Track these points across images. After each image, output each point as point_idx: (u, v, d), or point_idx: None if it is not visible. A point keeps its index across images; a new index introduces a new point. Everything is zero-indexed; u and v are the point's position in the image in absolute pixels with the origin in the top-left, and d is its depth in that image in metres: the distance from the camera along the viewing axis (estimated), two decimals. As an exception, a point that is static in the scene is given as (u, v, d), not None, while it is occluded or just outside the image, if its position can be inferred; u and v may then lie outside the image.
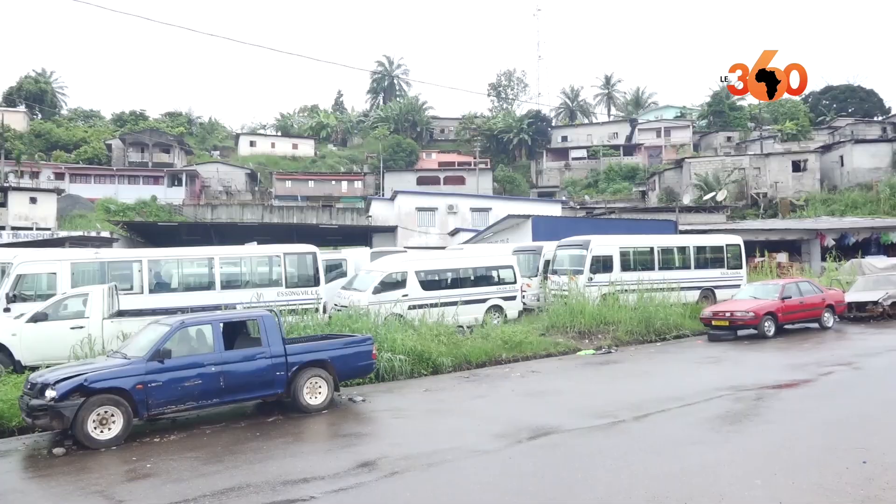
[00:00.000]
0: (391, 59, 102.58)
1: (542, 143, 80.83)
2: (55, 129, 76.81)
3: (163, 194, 62.46)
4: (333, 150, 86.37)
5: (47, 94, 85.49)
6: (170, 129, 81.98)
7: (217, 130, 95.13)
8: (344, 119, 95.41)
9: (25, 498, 7.66)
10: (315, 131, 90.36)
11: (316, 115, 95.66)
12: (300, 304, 16.66)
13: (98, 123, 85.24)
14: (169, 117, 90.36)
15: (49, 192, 49.92)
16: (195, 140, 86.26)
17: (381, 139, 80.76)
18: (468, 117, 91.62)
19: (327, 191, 72.07)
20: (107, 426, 9.38)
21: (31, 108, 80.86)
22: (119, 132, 77.69)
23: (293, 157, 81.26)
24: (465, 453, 8.42)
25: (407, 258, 21.16)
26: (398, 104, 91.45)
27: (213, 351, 10.49)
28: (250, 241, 22.50)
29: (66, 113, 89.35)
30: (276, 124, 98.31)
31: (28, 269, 15.88)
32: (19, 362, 13.01)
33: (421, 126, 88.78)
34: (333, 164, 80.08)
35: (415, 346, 14.22)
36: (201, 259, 18.01)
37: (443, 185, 67.60)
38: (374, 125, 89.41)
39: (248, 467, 8.16)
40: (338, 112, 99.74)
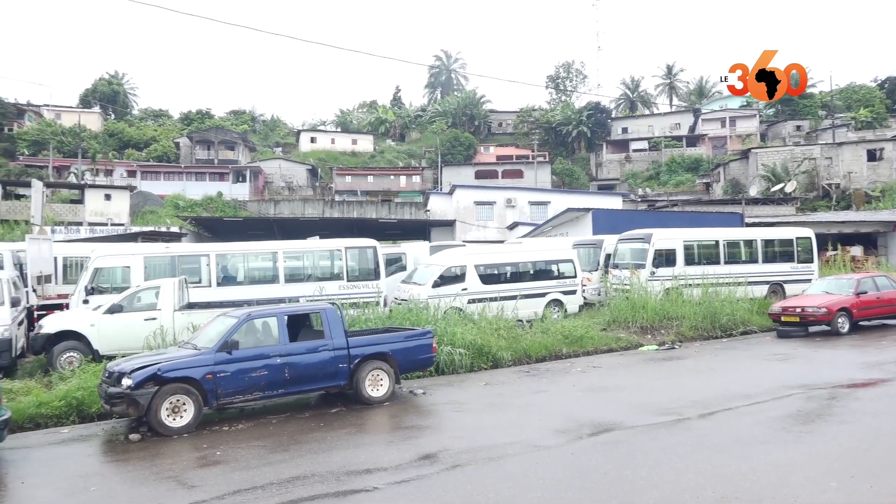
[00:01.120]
0: (449, 53, 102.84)
1: (602, 135, 79.54)
2: (127, 128, 79.91)
3: (228, 190, 64.22)
4: (392, 146, 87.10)
5: (119, 96, 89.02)
6: (234, 126, 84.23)
7: (279, 127, 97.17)
8: (402, 114, 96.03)
9: (105, 481, 8.02)
10: (374, 127, 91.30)
11: (374, 111, 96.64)
12: (361, 298, 16.88)
13: (167, 122, 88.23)
14: (233, 115, 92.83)
15: (122, 190, 51.94)
16: (258, 137, 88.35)
17: (439, 133, 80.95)
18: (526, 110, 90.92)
19: (386, 185, 72.76)
20: (179, 414, 9.75)
21: (104, 109, 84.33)
22: (186, 131, 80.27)
23: (353, 152, 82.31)
24: (527, 448, 8.40)
25: (466, 252, 21.18)
26: (456, 98, 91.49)
27: (278, 343, 10.76)
28: (312, 236, 22.90)
29: (137, 113, 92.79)
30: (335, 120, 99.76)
31: (104, 262, 16.58)
32: (97, 351, 13.62)
33: (479, 120, 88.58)
34: (392, 159, 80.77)
35: (474, 340, 14.25)
36: (266, 253, 18.45)
37: (501, 179, 67.36)
38: (431, 120, 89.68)
39: (312, 457, 8.34)
40: (396, 107, 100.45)
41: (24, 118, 76.45)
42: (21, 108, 77.94)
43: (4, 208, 45.26)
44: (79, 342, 13.78)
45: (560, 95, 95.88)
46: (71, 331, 13.86)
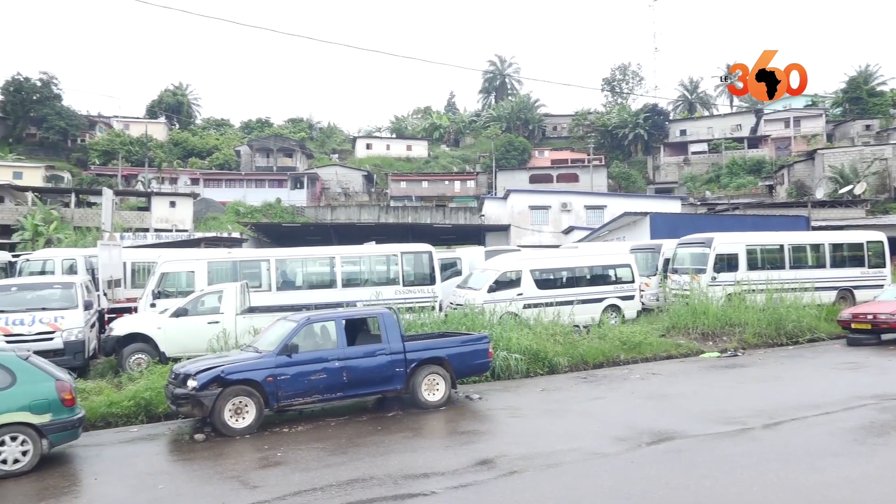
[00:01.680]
0: (503, 58, 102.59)
1: (659, 137, 78.07)
2: (190, 137, 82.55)
3: (286, 196, 65.62)
4: (446, 151, 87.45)
5: (184, 106, 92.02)
6: (292, 134, 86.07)
7: (335, 134, 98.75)
8: (456, 119, 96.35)
9: (172, 479, 8.28)
10: (428, 132, 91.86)
11: (429, 117, 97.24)
12: (417, 302, 17.01)
13: (228, 131, 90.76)
14: (291, 123, 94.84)
15: (186, 197, 53.72)
16: (315, 144, 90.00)
17: (493, 138, 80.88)
18: (581, 113, 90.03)
19: (440, 191, 73.09)
20: (241, 415, 9.99)
21: (169, 119, 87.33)
22: (247, 139, 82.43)
23: (407, 158, 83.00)
24: (585, 455, 8.29)
25: (521, 257, 21.07)
26: (510, 103, 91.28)
27: (336, 347, 10.92)
28: (368, 241, 23.18)
29: (200, 122, 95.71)
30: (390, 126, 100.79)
31: (170, 267, 17.17)
32: (164, 354, 14.09)
33: (533, 124, 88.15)
34: (446, 165, 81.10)
35: (530, 346, 14.15)
36: (323, 258, 18.76)
37: (556, 183, 66.82)
38: (485, 125, 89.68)
39: (370, 460, 8.42)
40: (450, 113, 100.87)
41: (95, 129, 79.88)
42: (92, 120, 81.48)
43: (77, 215, 47.32)
44: (147, 344, 14.28)
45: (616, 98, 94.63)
46: (139, 333, 14.38)
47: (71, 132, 76.14)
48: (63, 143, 75.72)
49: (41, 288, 15.34)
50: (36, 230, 41.33)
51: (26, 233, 41.21)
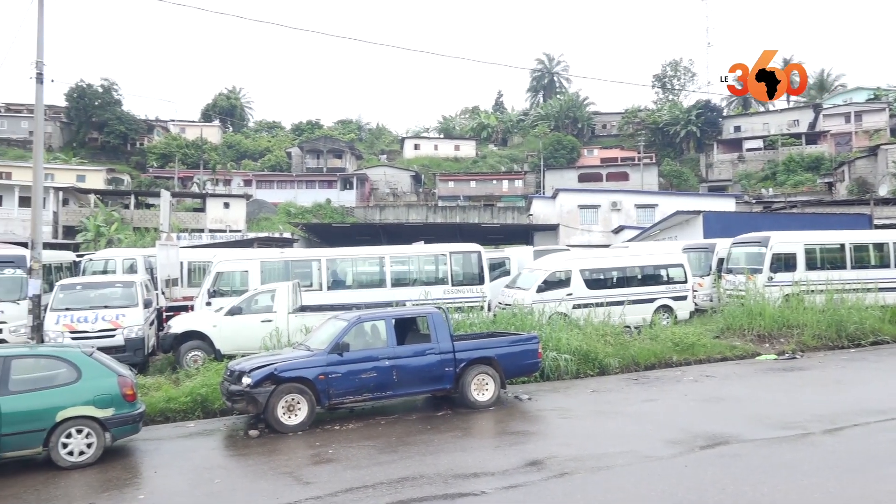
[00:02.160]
0: (551, 56, 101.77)
1: (712, 134, 76.26)
2: (243, 140, 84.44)
3: (336, 197, 66.50)
4: (494, 150, 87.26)
5: (237, 109, 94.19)
6: (342, 135, 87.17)
7: (384, 135, 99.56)
8: (504, 119, 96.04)
9: (228, 474, 8.49)
10: (476, 132, 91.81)
11: (476, 116, 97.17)
12: (466, 302, 17.03)
13: (279, 133, 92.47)
14: (341, 125, 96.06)
15: (239, 198, 54.96)
16: (364, 145, 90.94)
17: (541, 137, 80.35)
18: (631, 111, 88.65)
19: (488, 190, 72.97)
20: (294, 412, 10.17)
21: (223, 122, 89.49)
22: (297, 141, 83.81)
23: (455, 158, 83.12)
24: (637, 458, 8.17)
25: (571, 256, 20.89)
26: (558, 101, 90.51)
27: (386, 346, 11.01)
28: (417, 241, 23.32)
29: (253, 125, 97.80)
30: (438, 127, 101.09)
31: (225, 267, 17.59)
32: (219, 351, 14.44)
33: (582, 122, 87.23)
34: (494, 164, 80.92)
35: (580, 346, 14.01)
36: (373, 258, 18.95)
37: (605, 182, 65.98)
38: (534, 123, 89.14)
39: (420, 458, 8.47)
40: (498, 112, 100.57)
41: (153, 133, 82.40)
42: (150, 124, 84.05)
43: (136, 217, 48.92)
44: (203, 342, 14.66)
45: (667, 95, 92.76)
46: (196, 331, 14.77)
47: (130, 136, 78.70)
48: (123, 146, 78.33)
49: (104, 287, 15.91)
50: (98, 231, 42.91)
51: (89, 233, 42.83)
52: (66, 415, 8.55)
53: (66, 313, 14.41)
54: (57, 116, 74.76)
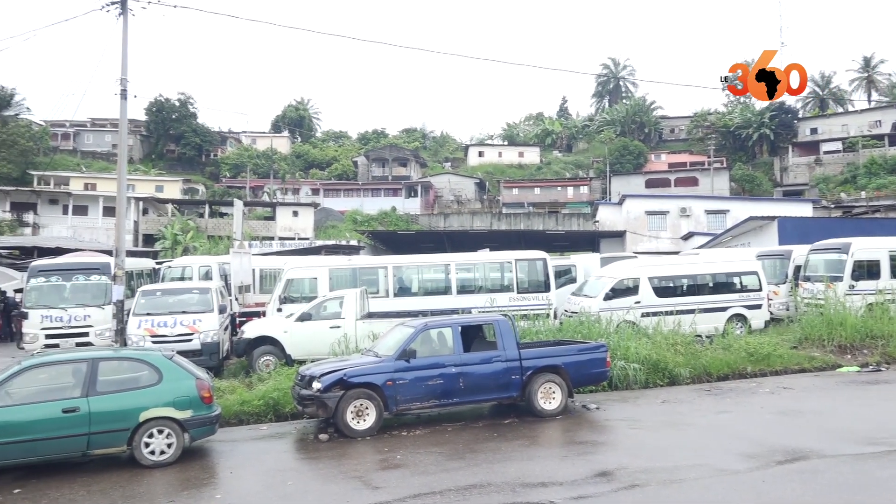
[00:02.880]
0: (616, 60, 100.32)
1: (787, 136, 73.48)
2: (311, 149, 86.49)
3: (401, 205, 67.28)
4: (558, 157, 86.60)
5: (305, 120, 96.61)
6: (406, 144, 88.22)
7: (448, 143, 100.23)
8: (569, 125, 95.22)
9: (300, 477, 8.70)
10: (540, 138, 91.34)
11: (541, 123, 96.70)
12: (531, 310, 16.92)
13: (346, 143, 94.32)
14: (406, 133, 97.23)
15: (308, 206, 56.30)
16: (428, 153, 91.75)
17: (607, 143, 79.25)
18: (700, 115, 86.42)
19: (553, 197, 72.43)
20: (362, 418, 10.33)
21: (292, 133, 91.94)
22: (363, 150, 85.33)
23: (519, 164, 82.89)
24: (710, 472, 7.95)
25: (639, 264, 20.48)
26: (624, 106, 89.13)
27: (452, 353, 11.06)
28: (481, 248, 23.36)
29: (320, 135, 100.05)
30: (502, 134, 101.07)
31: (295, 274, 18.05)
32: (290, 356, 14.81)
33: (649, 127, 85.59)
34: (559, 171, 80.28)
35: (649, 355, 13.72)
36: (438, 265, 19.07)
37: (673, 188, 64.52)
38: (599, 129, 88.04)
39: (487, 466, 8.47)
40: (562, 118, 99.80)
41: (226, 144, 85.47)
42: (224, 136, 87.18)
43: (210, 225, 50.71)
44: (274, 347, 15.07)
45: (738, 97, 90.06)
46: (267, 336, 15.20)
47: (205, 148, 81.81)
48: (198, 157, 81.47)
49: (181, 293, 16.56)
50: (175, 239, 44.70)
51: (167, 241, 44.65)
52: (149, 415, 8.93)
53: (147, 318, 15.07)
54: (137, 130, 78.34)
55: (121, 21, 16.31)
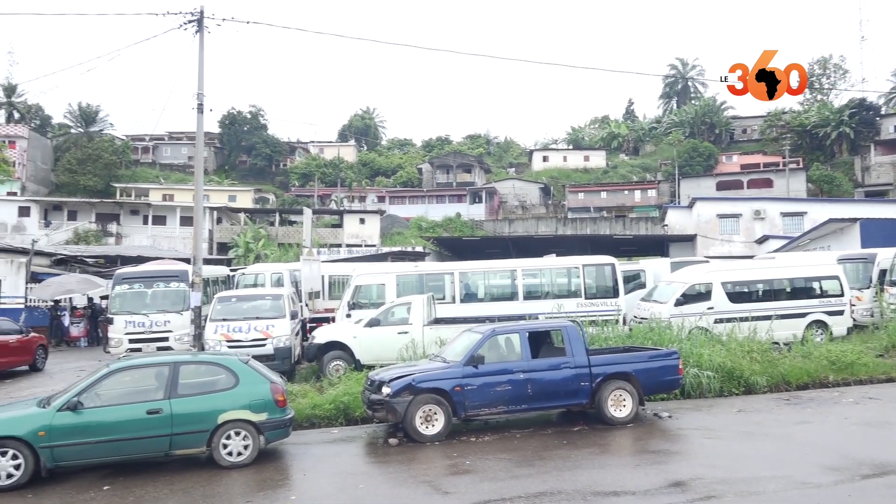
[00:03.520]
0: (684, 60, 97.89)
1: (869, 135, 70.00)
2: (377, 158, 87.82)
3: (465, 211, 67.50)
4: (625, 160, 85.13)
5: (370, 129, 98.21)
6: (470, 150, 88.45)
7: (512, 148, 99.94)
8: (635, 127, 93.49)
9: (371, 480, 8.84)
10: (606, 142, 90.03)
11: (606, 126, 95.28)
12: (599, 316, 16.71)
13: (411, 150, 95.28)
14: (469, 140, 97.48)
15: (374, 214, 57.15)
16: (492, 159, 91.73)
17: (676, 145, 77.37)
18: (774, 114, 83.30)
19: (619, 201, 71.24)
20: (431, 423, 10.40)
21: (358, 142, 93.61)
22: (428, 157, 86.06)
23: (584, 168, 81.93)
24: (791, 484, 7.66)
25: (711, 268, 19.93)
26: (693, 107, 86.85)
27: (520, 359, 11.03)
28: (546, 254, 23.19)
29: (385, 143, 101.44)
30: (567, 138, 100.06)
31: (363, 280, 18.37)
32: (359, 361, 15.06)
33: (719, 128, 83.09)
34: (625, 174, 78.91)
35: (723, 363, 13.30)
36: (505, 271, 19.06)
37: (746, 190, 62.50)
38: (667, 131, 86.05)
39: (557, 474, 8.40)
40: (628, 121, 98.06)
41: (294, 154, 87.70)
42: (292, 146, 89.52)
43: (280, 233, 52.11)
44: (343, 352, 15.36)
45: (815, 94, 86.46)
46: (337, 342, 15.50)
47: (275, 158, 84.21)
48: (268, 167, 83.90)
49: (255, 299, 17.10)
50: (247, 247, 46.15)
51: (240, 249, 46.16)
52: (226, 417, 9.24)
53: (223, 323, 15.61)
54: (211, 142, 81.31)
55: (197, 38, 17.01)
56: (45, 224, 48.87)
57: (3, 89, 75.10)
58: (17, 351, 18.39)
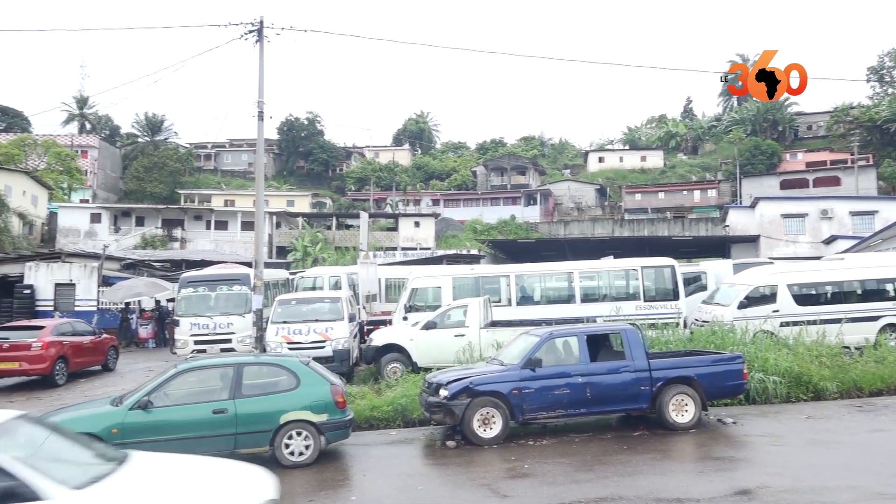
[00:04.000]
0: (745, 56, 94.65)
1: (946, 129, 66.72)
2: (431, 161, 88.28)
3: (520, 213, 67.18)
4: (683, 160, 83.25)
5: (425, 132, 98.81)
6: (524, 152, 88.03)
7: (567, 149, 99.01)
8: (694, 126, 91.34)
9: (429, 482, 8.90)
10: (663, 141, 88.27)
11: (664, 125, 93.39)
12: (659, 318, 16.41)
13: (465, 153, 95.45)
14: (524, 142, 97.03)
15: (428, 217, 57.46)
16: (547, 160, 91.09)
17: (736, 143, 75.22)
18: (842, 109, 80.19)
19: (678, 201, 69.71)
20: (488, 426, 10.39)
21: (412, 146, 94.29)
22: (482, 159, 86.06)
23: (641, 169, 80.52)
24: (865, 495, 7.36)
25: (776, 270, 19.33)
26: (755, 104, 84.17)
27: (578, 362, 10.91)
28: (603, 256, 22.92)
29: (439, 147, 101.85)
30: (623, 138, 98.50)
31: (420, 283, 18.50)
32: (416, 363, 15.18)
33: (783, 125, 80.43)
34: (684, 174, 77.16)
35: (790, 368, 12.86)
36: (561, 273, 18.90)
37: (812, 189, 60.27)
38: (727, 129, 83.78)
39: (618, 479, 8.28)
40: (687, 119, 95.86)
41: (350, 159, 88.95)
42: (348, 151, 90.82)
43: (337, 237, 52.92)
44: (401, 354, 15.50)
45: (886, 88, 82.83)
46: (394, 344, 15.66)
47: (331, 163, 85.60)
48: (325, 172, 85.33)
49: (314, 302, 17.41)
50: (305, 251, 47.05)
51: (298, 253, 47.09)
52: (288, 418, 9.45)
53: (284, 326, 15.96)
54: (270, 148, 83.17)
55: (257, 48, 17.47)
56: (114, 230, 50.86)
57: (76, 102, 78.56)
58: (91, 351, 19.22)
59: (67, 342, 17.92)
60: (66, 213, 50.89)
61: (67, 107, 78.14)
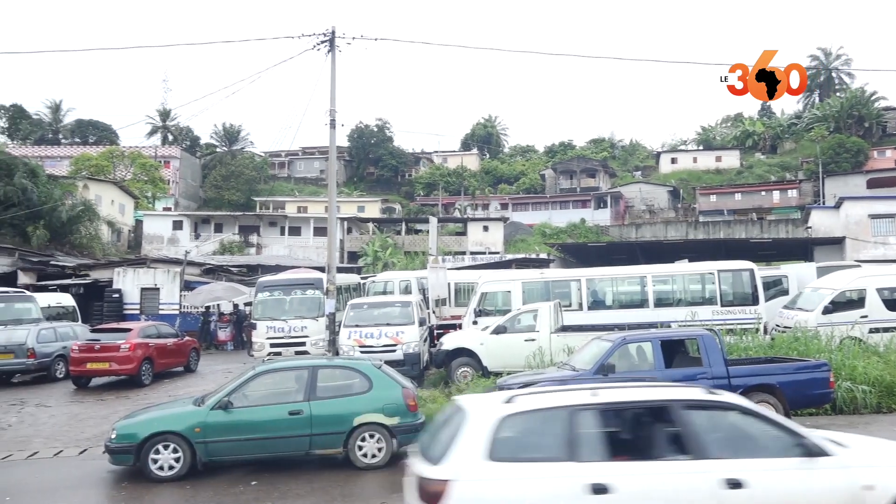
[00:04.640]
0: (828, 51, 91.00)
1: None
2: (499, 165, 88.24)
3: (590, 216, 66.25)
4: (761, 159, 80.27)
5: (493, 137, 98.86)
6: (594, 154, 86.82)
7: (638, 151, 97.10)
8: (772, 124, 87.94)
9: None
10: (739, 141, 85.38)
11: (740, 124, 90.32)
12: (737, 324, 15.87)
13: (533, 157, 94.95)
14: (593, 144, 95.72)
15: (497, 221, 57.40)
16: (617, 163, 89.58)
17: (819, 141, 72.00)
18: (936, 102, 75.76)
19: (756, 202, 67.26)
20: (561, 432, 10.25)
21: (481, 150, 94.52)
22: (550, 163, 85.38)
23: (716, 170, 78.10)
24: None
25: (864, 273, 18.38)
26: (838, 100, 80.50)
27: (653, 368, 10.68)
28: (676, 259, 22.31)
29: (508, 151, 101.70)
30: (696, 138, 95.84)
31: (489, 287, 18.49)
32: (486, 368, 15.16)
33: (869, 121, 76.46)
34: (762, 174, 74.38)
35: (881, 376, 12.21)
36: (634, 277, 18.53)
37: (903, 187, 57.07)
38: (808, 126, 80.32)
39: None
40: (764, 117, 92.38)
41: (419, 165, 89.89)
42: (417, 157, 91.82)
43: (406, 241, 53.52)
44: (471, 358, 15.51)
45: None
46: (464, 348, 15.68)
47: (400, 169, 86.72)
48: (394, 178, 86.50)
49: (385, 306, 17.66)
50: (375, 255, 47.76)
51: (368, 258, 47.86)
52: (361, 420, 9.60)
53: (356, 329, 16.24)
54: (341, 155, 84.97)
55: (329, 58, 17.89)
56: (195, 236, 53.00)
57: (160, 114, 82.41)
58: (174, 353, 20.05)
59: (153, 344, 18.74)
60: (151, 221, 53.40)
61: (151, 119, 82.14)
